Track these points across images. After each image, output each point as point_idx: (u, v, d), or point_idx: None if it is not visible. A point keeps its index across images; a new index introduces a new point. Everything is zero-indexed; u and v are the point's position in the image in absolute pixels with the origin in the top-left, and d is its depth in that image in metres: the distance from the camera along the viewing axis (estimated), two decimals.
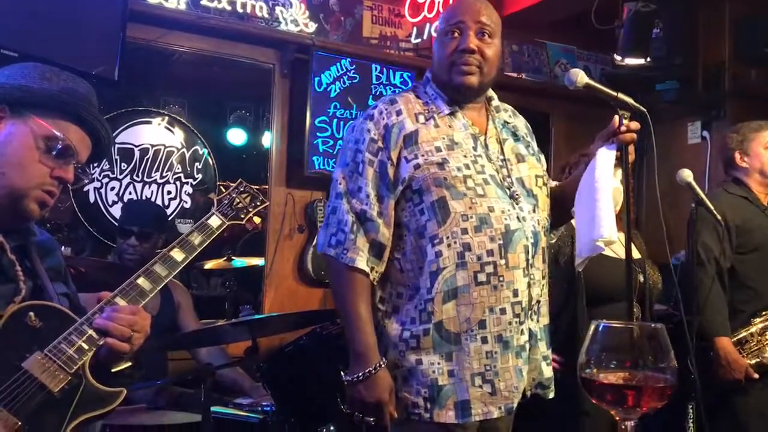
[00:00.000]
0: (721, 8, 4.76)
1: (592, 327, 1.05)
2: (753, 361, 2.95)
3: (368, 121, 1.92)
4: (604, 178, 1.88)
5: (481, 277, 1.83)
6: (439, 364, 1.82)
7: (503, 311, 1.84)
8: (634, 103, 1.92)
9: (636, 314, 2.56)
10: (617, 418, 1.04)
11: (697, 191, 2.71)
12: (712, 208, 2.73)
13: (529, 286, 1.88)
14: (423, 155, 1.87)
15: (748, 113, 3.34)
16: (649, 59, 4.24)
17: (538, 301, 1.93)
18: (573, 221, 2.11)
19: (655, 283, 2.86)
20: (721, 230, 2.95)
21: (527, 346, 1.89)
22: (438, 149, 1.88)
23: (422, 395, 1.82)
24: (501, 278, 1.84)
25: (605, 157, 1.90)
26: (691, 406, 2.74)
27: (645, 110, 1.92)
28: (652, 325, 1.04)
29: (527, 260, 1.87)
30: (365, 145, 1.89)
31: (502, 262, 1.84)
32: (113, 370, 1.60)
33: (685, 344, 2.44)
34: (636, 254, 2.40)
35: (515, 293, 1.85)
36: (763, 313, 3.01)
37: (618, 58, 4.28)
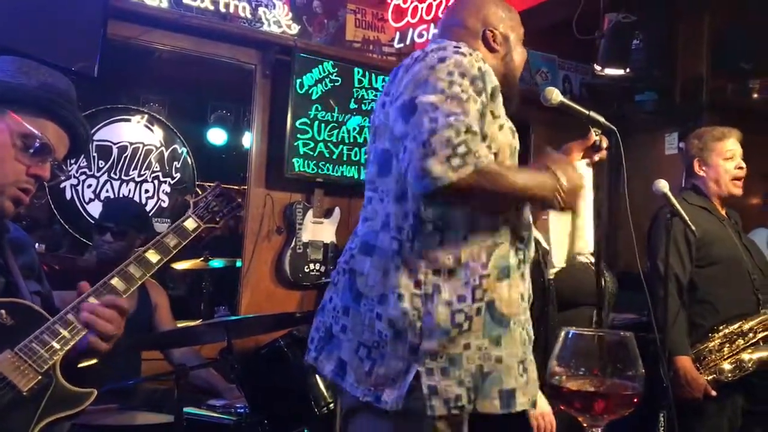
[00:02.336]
0: (700, 22, 4.84)
1: (562, 334, 1.07)
2: (710, 377, 2.91)
3: (470, 57, 1.68)
4: (587, 195, 1.93)
5: (522, 262, 1.79)
6: (486, 349, 1.68)
7: (528, 301, 1.82)
8: (605, 122, 1.98)
9: (594, 319, 2.57)
10: (585, 425, 1.05)
11: (673, 202, 2.70)
12: (687, 219, 2.72)
13: None
14: (503, 118, 1.76)
15: (725, 125, 3.33)
16: (628, 70, 4.29)
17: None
18: (536, 229, 2.11)
19: (611, 288, 2.84)
20: (691, 240, 2.94)
21: None
22: (504, 116, 1.79)
23: (466, 385, 1.66)
24: (525, 263, 1.82)
25: (584, 173, 1.95)
26: (662, 414, 2.75)
27: (615, 128, 1.97)
28: (621, 334, 1.06)
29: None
30: (468, 79, 1.65)
31: (529, 252, 1.83)
32: (80, 365, 1.58)
33: (656, 353, 2.46)
34: (592, 258, 2.41)
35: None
36: (721, 327, 2.95)
37: (598, 68, 4.32)
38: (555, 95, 1.95)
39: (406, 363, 1.66)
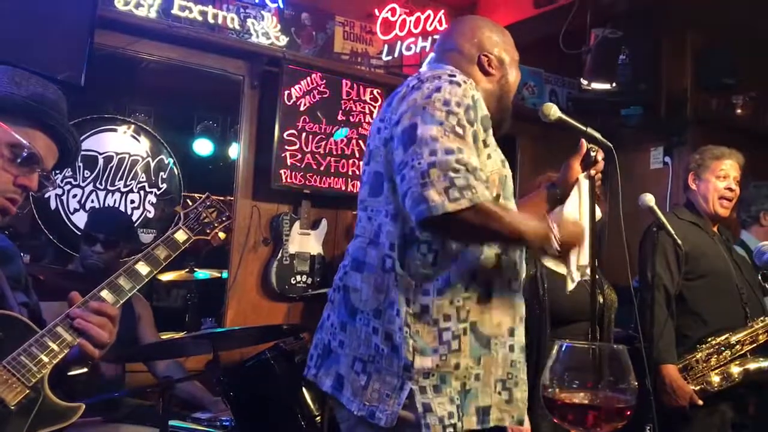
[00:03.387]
0: (684, 38, 4.90)
1: (555, 347, 1.07)
2: (697, 388, 2.94)
3: (464, 86, 1.73)
4: (586, 208, 1.96)
5: (514, 285, 1.83)
6: (471, 367, 1.74)
7: (522, 321, 1.86)
8: (601, 138, 2.01)
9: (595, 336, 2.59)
10: None
11: (659, 215, 2.73)
12: (672, 232, 2.74)
13: None
14: (494, 147, 1.79)
15: (710, 140, 3.38)
16: (614, 84, 4.33)
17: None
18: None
19: (612, 303, 2.88)
20: (680, 254, 2.97)
21: None
22: (497, 145, 1.83)
23: (455, 402, 1.71)
24: (519, 283, 1.85)
25: (584, 187, 1.99)
26: (648, 427, 2.76)
27: (611, 144, 1.99)
28: (614, 347, 1.06)
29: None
30: (463, 109, 1.69)
31: (522, 274, 1.86)
32: (70, 374, 1.56)
33: (642, 366, 2.47)
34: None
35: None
36: (709, 339, 2.99)
37: (584, 82, 4.36)
38: (553, 111, 1.97)
39: (400, 380, 1.69)
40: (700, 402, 2.92)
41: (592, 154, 1.99)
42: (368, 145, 1.90)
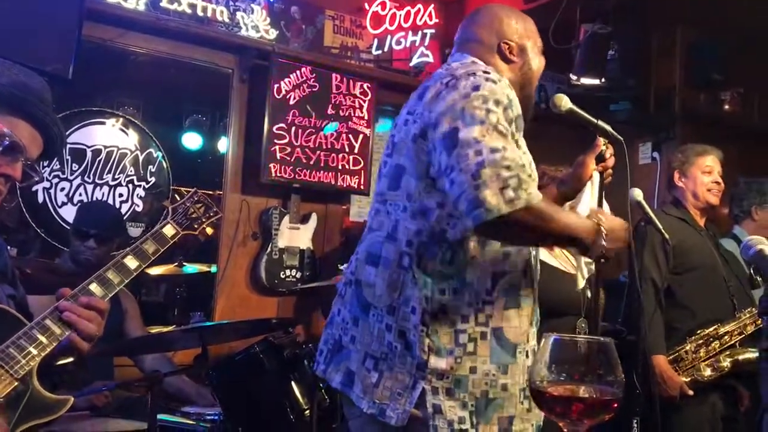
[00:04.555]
0: (673, 34, 4.92)
1: (543, 340, 1.07)
2: (687, 379, 3.01)
3: (500, 83, 1.68)
4: (596, 204, 1.99)
5: (532, 290, 1.79)
6: (494, 375, 1.69)
7: (533, 325, 1.82)
8: (612, 131, 1.99)
9: (584, 329, 2.61)
10: (565, 430, 1.06)
11: (647, 210, 2.75)
12: (660, 227, 2.76)
13: None
14: (524, 149, 1.74)
15: (697, 135, 3.45)
16: (603, 80, 4.34)
17: None
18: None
19: (600, 298, 2.89)
20: (668, 248, 3.01)
21: None
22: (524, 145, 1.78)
23: (468, 408, 1.67)
24: (536, 288, 1.82)
25: (596, 184, 2.01)
26: (635, 421, 2.78)
27: (621, 138, 1.99)
28: (601, 339, 1.07)
29: None
30: (501, 108, 1.64)
31: (535, 268, 1.84)
32: (58, 363, 1.56)
33: (631, 360, 2.49)
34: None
35: None
36: (698, 331, 3.06)
37: (574, 77, 4.36)
38: (564, 102, 1.94)
39: (412, 379, 1.66)
40: (691, 392, 2.97)
41: (603, 149, 1.97)
42: (392, 136, 1.83)
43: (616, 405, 1.04)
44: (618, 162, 2.04)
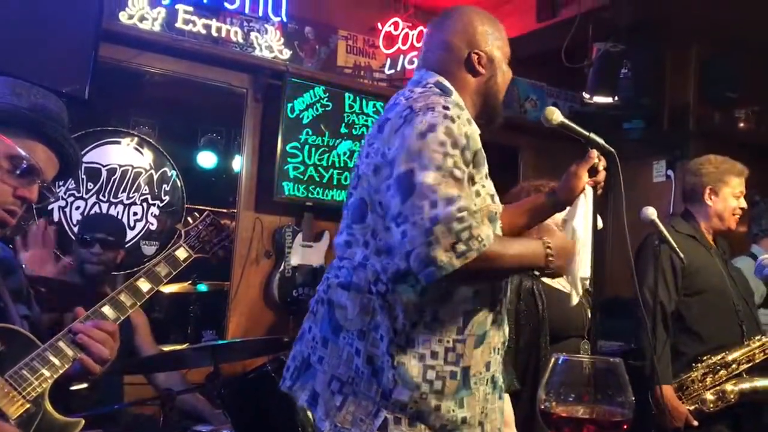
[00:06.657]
0: (687, 52, 4.91)
1: (552, 361, 1.07)
2: (692, 407, 2.90)
3: (458, 122, 1.65)
4: (589, 218, 1.96)
5: (498, 318, 1.79)
6: (453, 411, 1.68)
7: (498, 351, 1.80)
8: (604, 144, 1.97)
9: (587, 351, 2.56)
10: None
11: (661, 229, 2.70)
12: (675, 246, 2.71)
13: None
14: (482, 183, 1.74)
15: (712, 154, 3.35)
16: (616, 98, 4.34)
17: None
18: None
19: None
20: (679, 269, 2.94)
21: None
22: (487, 176, 1.77)
23: None
24: (502, 316, 1.81)
25: (589, 197, 1.97)
26: None
27: (614, 150, 1.97)
28: (611, 360, 1.06)
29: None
30: (459, 150, 1.63)
31: (504, 298, 1.83)
32: (72, 389, 1.57)
33: (643, 381, 2.45)
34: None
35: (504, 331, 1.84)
36: (705, 357, 2.94)
37: (586, 96, 4.37)
38: (555, 116, 1.92)
39: (376, 407, 1.65)
40: (695, 423, 2.88)
41: (596, 162, 1.95)
42: (357, 167, 1.80)
43: (626, 426, 1.03)
44: (627, 182, 2.02)
